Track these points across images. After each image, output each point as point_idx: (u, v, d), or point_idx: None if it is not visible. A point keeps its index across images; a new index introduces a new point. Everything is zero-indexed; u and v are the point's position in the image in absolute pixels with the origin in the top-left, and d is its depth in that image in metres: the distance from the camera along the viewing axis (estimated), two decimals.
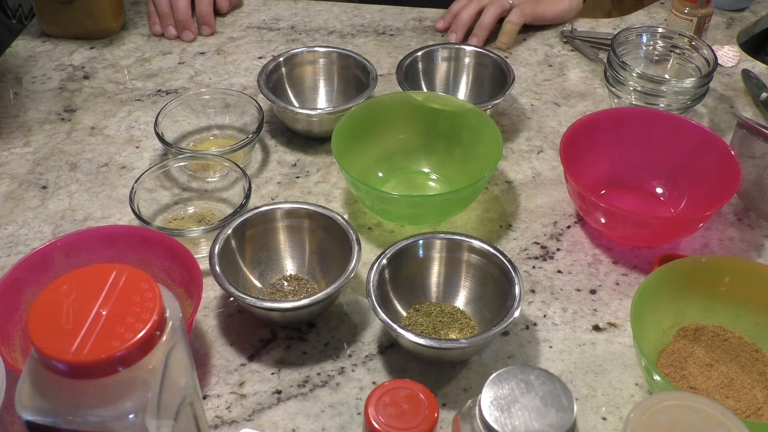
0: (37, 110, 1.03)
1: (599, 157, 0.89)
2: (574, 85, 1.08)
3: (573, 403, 0.52)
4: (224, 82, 1.08)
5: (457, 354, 0.71)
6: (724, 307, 0.74)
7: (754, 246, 0.85)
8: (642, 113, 0.90)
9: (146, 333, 0.46)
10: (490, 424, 0.51)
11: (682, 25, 1.09)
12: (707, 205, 0.80)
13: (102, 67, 1.11)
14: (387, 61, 1.12)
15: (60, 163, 0.95)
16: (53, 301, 0.48)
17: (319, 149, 0.97)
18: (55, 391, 0.46)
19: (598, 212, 0.81)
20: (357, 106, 0.90)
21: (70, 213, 0.88)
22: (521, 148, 0.98)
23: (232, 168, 0.86)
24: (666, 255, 0.77)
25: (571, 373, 0.72)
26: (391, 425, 0.56)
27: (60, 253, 0.73)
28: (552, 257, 0.84)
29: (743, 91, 1.07)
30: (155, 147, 0.97)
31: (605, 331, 0.76)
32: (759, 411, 0.68)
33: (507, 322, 0.68)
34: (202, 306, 0.77)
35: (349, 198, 0.90)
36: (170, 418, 0.52)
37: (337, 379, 0.72)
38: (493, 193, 0.91)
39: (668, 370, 0.71)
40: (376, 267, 0.73)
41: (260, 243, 0.79)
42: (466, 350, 0.70)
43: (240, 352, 0.74)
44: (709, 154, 0.85)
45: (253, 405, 0.69)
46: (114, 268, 0.50)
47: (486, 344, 0.72)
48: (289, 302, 0.72)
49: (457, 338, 0.73)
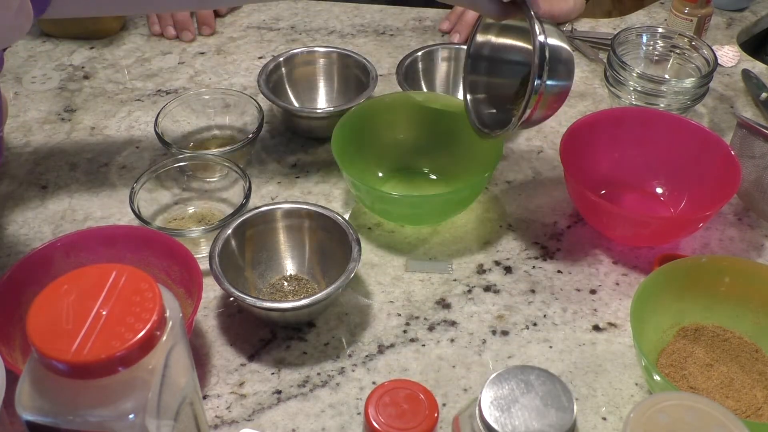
0: (37, 110, 1.03)
1: (599, 157, 0.89)
2: (574, 85, 1.08)
3: (573, 403, 0.52)
4: (224, 82, 1.08)
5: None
6: (724, 307, 0.74)
7: (754, 246, 0.85)
8: (642, 113, 0.90)
9: (146, 333, 0.46)
10: (490, 424, 0.51)
11: (682, 25, 1.09)
12: (707, 205, 0.80)
13: (102, 67, 1.11)
14: (387, 61, 1.12)
15: (60, 163, 0.95)
16: (53, 301, 0.48)
17: (319, 149, 0.97)
18: (55, 391, 0.46)
19: (598, 212, 0.81)
20: (357, 106, 0.90)
21: (70, 213, 0.88)
22: (521, 148, 0.98)
23: (232, 168, 0.86)
24: (666, 255, 0.77)
25: (571, 373, 0.72)
26: (391, 425, 0.56)
27: (60, 253, 0.73)
28: (552, 257, 0.84)
29: (743, 91, 1.07)
30: (155, 147, 0.97)
31: (605, 331, 0.76)
32: (759, 411, 0.68)
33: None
34: (202, 306, 0.77)
35: (349, 198, 0.90)
36: (170, 418, 0.52)
37: (337, 379, 0.72)
38: (493, 193, 0.91)
39: (668, 370, 0.71)
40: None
41: (260, 243, 0.79)
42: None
43: (240, 352, 0.74)
44: (709, 154, 0.85)
45: (253, 405, 0.69)
46: (114, 268, 0.50)
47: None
48: (289, 302, 0.72)
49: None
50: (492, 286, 0.80)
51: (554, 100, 0.78)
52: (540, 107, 0.77)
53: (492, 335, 0.76)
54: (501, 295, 0.79)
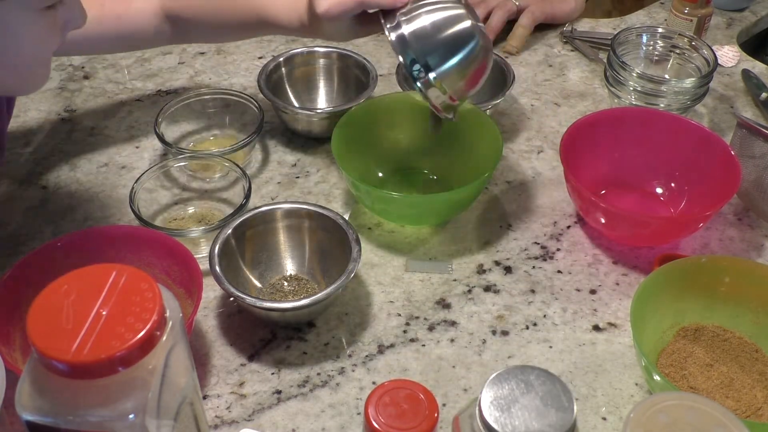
0: (37, 110, 1.03)
1: (599, 157, 0.89)
2: (574, 85, 1.08)
3: (573, 403, 0.52)
4: (224, 82, 1.08)
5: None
6: (724, 307, 0.74)
7: (754, 246, 0.85)
8: (642, 113, 0.90)
9: (146, 333, 0.46)
10: (490, 424, 0.51)
11: (682, 25, 1.09)
12: (707, 205, 0.80)
13: (102, 67, 1.11)
14: (387, 61, 1.12)
15: (60, 163, 0.95)
16: (53, 301, 0.48)
17: (319, 149, 0.97)
18: (55, 391, 0.46)
19: (598, 212, 0.81)
20: (357, 106, 0.90)
21: (70, 213, 0.88)
22: (521, 148, 0.98)
23: (232, 168, 0.86)
24: (666, 255, 0.77)
25: (571, 373, 0.72)
26: (391, 425, 0.56)
27: (60, 253, 0.73)
28: (552, 257, 0.84)
29: (743, 91, 1.07)
30: (155, 147, 0.97)
31: (605, 331, 0.76)
32: (759, 411, 0.68)
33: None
34: (202, 306, 0.77)
35: (349, 198, 0.90)
36: (170, 418, 0.52)
37: (337, 379, 0.72)
38: (493, 193, 0.91)
39: (668, 370, 0.71)
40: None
41: (260, 243, 0.79)
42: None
43: (240, 352, 0.74)
44: (709, 154, 0.85)
45: (253, 405, 0.69)
46: (114, 268, 0.50)
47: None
48: (289, 302, 0.72)
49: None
50: (492, 286, 0.80)
51: (462, 73, 0.72)
52: (450, 90, 0.72)
53: (492, 335, 0.76)
54: (501, 295, 0.79)
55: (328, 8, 0.77)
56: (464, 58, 0.72)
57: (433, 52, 0.71)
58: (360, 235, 0.77)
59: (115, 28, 0.87)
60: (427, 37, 0.71)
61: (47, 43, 0.65)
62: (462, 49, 0.72)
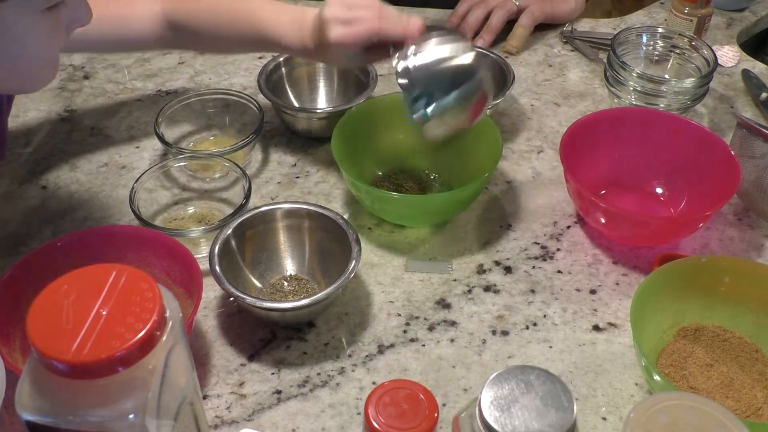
0: (37, 110, 1.03)
1: (599, 157, 0.89)
2: (574, 85, 1.08)
3: (573, 403, 0.52)
4: (224, 82, 1.08)
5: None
6: (724, 307, 0.74)
7: (754, 246, 0.85)
8: (642, 113, 0.90)
9: (146, 333, 0.46)
10: (490, 424, 0.51)
11: (682, 25, 1.09)
12: (707, 205, 0.80)
13: (102, 67, 1.11)
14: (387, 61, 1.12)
15: (60, 163, 0.95)
16: (53, 301, 0.48)
17: (319, 149, 0.97)
18: (55, 391, 0.46)
19: (598, 212, 0.81)
20: (357, 106, 0.90)
21: (70, 213, 0.88)
22: (521, 148, 0.98)
23: (232, 168, 0.86)
24: (666, 255, 0.77)
25: (571, 373, 0.72)
26: (391, 425, 0.56)
27: (60, 253, 0.73)
28: (552, 257, 0.84)
29: (743, 91, 1.07)
30: (155, 147, 0.97)
31: (605, 331, 0.76)
32: (759, 411, 0.68)
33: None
34: (202, 306, 0.77)
35: (349, 198, 0.90)
36: (170, 418, 0.52)
37: (337, 379, 0.72)
38: (493, 193, 0.91)
39: (668, 370, 0.71)
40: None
41: (260, 243, 0.79)
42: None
43: (240, 352, 0.74)
44: (709, 154, 0.85)
45: (253, 405, 0.69)
46: (114, 268, 0.50)
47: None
48: (289, 302, 0.72)
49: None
50: (492, 286, 0.80)
51: (461, 109, 0.76)
52: (449, 121, 0.75)
53: (492, 335, 0.76)
54: (501, 295, 0.79)
55: (343, 37, 0.77)
56: (462, 98, 0.75)
57: (436, 90, 0.74)
58: (360, 235, 0.77)
59: (117, 30, 0.87)
60: (432, 75, 0.74)
61: (51, 44, 0.65)
62: (462, 88, 0.75)
